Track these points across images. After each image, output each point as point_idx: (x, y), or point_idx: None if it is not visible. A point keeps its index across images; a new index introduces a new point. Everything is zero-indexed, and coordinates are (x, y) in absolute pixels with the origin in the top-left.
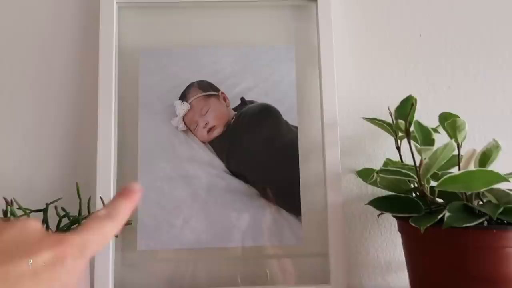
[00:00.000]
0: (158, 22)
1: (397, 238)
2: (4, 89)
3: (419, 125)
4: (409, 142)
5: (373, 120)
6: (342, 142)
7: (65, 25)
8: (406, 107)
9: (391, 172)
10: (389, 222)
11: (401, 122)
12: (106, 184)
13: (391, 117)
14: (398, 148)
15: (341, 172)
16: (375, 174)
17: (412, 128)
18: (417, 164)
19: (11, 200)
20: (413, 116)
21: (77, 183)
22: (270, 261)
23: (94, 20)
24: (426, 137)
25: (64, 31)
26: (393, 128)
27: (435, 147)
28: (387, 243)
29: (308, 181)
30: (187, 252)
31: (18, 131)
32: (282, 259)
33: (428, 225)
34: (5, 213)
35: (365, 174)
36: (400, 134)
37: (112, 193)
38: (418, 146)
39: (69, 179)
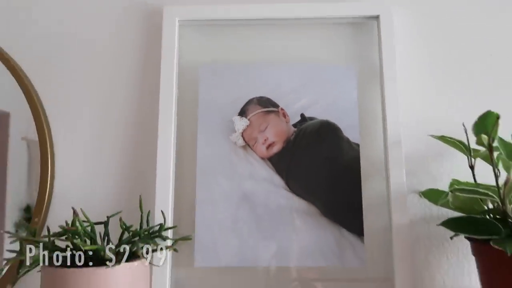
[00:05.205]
0: (218, 39)
1: (464, 263)
2: (66, 104)
3: (502, 141)
4: (492, 158)
5: (443, 138)
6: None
7: (128, 42)
8: (487, 123)
9: (468, 191)
10: (456, 246)
11: (484, 137)
12: (164, 198)
13: (466, 134)
14: (472, 167)
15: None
16: (449, 193)
17: (495, 144)
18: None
19: (76, 211)
20: (496, 132)
21: (140, 196)
22: (331, 284)
23: (156, 37)
24: (510, 154)
25: (126, 49)
26: (466, 146)
27: None
28: (454, 269)
29: (371, 201)
30: (244, 271)
31: (79, 145)
32: (344, 283)
33: None
34: (72, 222)
35: (430, 195)
36: (475, 152)
37: (170, 207)
38: (508, 160)
39: (129, 193)
